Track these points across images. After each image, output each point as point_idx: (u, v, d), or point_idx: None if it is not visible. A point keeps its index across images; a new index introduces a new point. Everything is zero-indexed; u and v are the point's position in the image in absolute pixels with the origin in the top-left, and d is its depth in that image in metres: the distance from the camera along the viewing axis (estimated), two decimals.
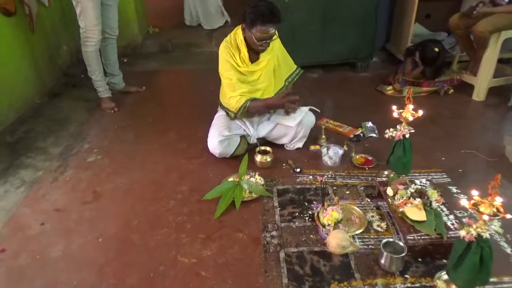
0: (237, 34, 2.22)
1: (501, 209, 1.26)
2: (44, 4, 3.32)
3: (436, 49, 3.07)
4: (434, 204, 1.74)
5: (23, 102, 3.03)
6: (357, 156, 2.37)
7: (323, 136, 2.52)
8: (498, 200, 1.26)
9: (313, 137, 2.51)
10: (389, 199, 1.84)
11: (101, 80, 3.02)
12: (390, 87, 3.26)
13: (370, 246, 1.73)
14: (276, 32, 2.18)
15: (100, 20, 2.80)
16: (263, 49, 2.19)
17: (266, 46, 2.17)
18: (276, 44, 2.29)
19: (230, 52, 2.23)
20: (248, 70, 2.26)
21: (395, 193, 1.83)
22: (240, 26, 2.20)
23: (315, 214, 1.89)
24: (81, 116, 2.99)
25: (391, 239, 1.67)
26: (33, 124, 2.87)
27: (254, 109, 2.28)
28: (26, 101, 3.07)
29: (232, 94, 2.26)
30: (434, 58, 3.08)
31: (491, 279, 1.44)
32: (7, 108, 2.83)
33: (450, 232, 1.65)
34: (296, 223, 1.88)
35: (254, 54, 2.25)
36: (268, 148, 2.35)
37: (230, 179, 2.11)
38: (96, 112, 3.05)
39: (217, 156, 2.34)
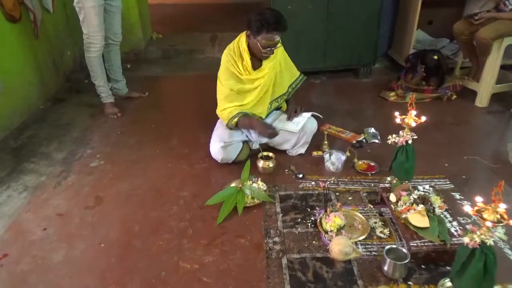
0: (241, 41, 2.22)
1: (505, 216, 1.25)
2: (48, 10, 3.36)
3: (435, 57, 3.12)
4: (437, 211, 1.74)
5: (27, 107, 3.05)
6: (360, 162, 2.36)
7: (326, 142, 2.52)
8: (502, 207, 1.25)
9: (316, 143, 2.51)
10: (392, 205, 1.84)
11: (104, 86, 3.03)
12: (393, 93, 3.26)
13: (373, 253, 1.72)
14: (280, 40, 2.19)
15: (103, 26, 2.82)
16: (267, 57, 2.20)
17: (270, 53, 2.17)
18: (279, 51, 2.30)
19: (232, 60, 2.23)
20: (249, 78, 2.26)
21: (398, 199, 1.83)
22: (244, 33, 2.21)
23: (318, 220, 1.89)
24: (84, 122, 3.00)
25: (394, 246, 1.66)
26: (37, 129, 2.88)
27: (241, 125, 2.28)
28: (30, 106, 3.09)
29: (227, 105, 2.26)
30: (436, 66, 3.11)
31: (495, 287, 1.43)
32: (11, 113, 2.85)
33: (454, 239, 1.64)
34: (299, 229, 1.87)
35: (257, 61, 2.25)
36: (270, 154, 2.35)
37: (233, 184, 2.11)
38: (99, 118, 3.06)
39: (219, 161, 2.34)
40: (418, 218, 1.69)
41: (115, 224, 1.95)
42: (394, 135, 1.92)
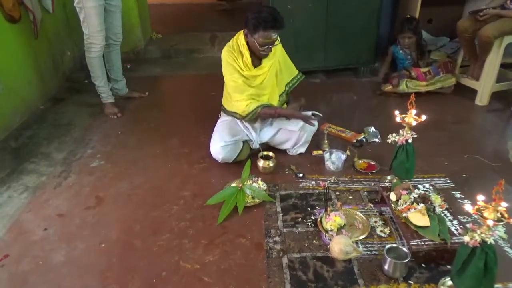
0: (239, 39, 2.23)
1: (506, 214, 1.25)
2: (48, 10, 3.36)
3: (408, 15, 3.30)
4: (438, 209, 1.74)
5: (27, 108, 3.05)
6: (360, 161, 2.36)
7: (326, 141, 2.52)
8: (503, 205, 1.25)
9: (316, 142, 2.51)
10: (392, 205, 1.84)
11: (104, 86, 3.03)
12: (387, 84, 3.28)
13: (374, 252, 1.72)
14: (278, 38, 2.19)
15: (103, 26, 2.82)
16: (265, 55, 2.20)
17: (268, 51, 2.17)
18: (278, 49, 2.30)
19: (233, 56, 2.24)
20: (251, 75, 2.26)
21: (398, 198, 1.83)
22: (242, 31, 2.21)
23: (318, 220, 1.88)
24: (84, 122, 3.00)
25: (394, 245, 1.66)
26: (37, 130, 2.88)
27: (265, 116, 2.32)
28: (30, 107, 3.09)
29: (239, 97, 2.26)
30: (411, 22, 3.26)
31: (496, 285, 1.44)
32: (11, 114, 2.85)
33: (454, 238, 1.64)
34: (299, 229, 1.87)
35: (257, 59, 2.26)
36: (270, 153, 2.35)
37: (233, 184, 2.11)
38: (99, 118, 3.06)
39: (219, 161, 2.34)
40: (418, 217, 1.69)
41: (116, 224, 1.95)
42: (394, 134, 1.92)
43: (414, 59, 3.35)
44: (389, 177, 2.12)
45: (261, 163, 2.29)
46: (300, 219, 1.94)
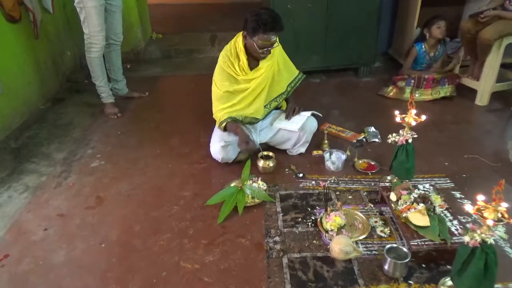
0: (237, 41, 2.22)
1: (506, 215, 1.25)
2: (48, 10, 3.36)
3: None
4: (438, 209, 1.74)
5: (27, 108, 3.05)
6: (360, 161, 2.36)
7: (326, 141, 2.52)
8: (503, 205, 1.25)
9: (316, 142, 2.51)
10: (392, 205, 1.84)
11: (104, 86, 3.03)
12: (390, 88, 3.27)
13: (374, 252, 1.72)
14: (277, 39, 2.18)
15: (104, 26, 2.82)
16: (264, 57, 2.19)
17: (267, 53, 2.16)
18: (277, 50, 2.29)
19: (229, 62, 2.23)
20: (246, 78, 2.25)
21: (398, 198, 1.83)
22: (241, 33, 2.20)
23: (318, 220, 1.88)
24: (84, 122, 3.01)
25: (394, 245, 1.66)
26: (37, 130, 2.88)
27: (229, 130, 2.28)
28: (30, 107, 3.09)
29: (221, 107, 2.27)
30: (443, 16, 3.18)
31: (496, 286, 1.44)
32: (11, 114, 2.85)
33: (454, 238, 1.64)
34: (299, 229, 1.87)
35: (254, 61, 2.25)
36: (270, 153, 2.35)
37: (233, 184, 2.11)
38: (99, 118, 3.06)
39: (219, 161, 2.34)
40: (418, 217, 1.69)
41: (116, 224, 1.95)
42: (394, 134, 1.92)
43: (432, 62, 3.29)
44: (389, 177, 2.12)
45: (261, 163, 2.29)
46: (300, 219, 1.94)
